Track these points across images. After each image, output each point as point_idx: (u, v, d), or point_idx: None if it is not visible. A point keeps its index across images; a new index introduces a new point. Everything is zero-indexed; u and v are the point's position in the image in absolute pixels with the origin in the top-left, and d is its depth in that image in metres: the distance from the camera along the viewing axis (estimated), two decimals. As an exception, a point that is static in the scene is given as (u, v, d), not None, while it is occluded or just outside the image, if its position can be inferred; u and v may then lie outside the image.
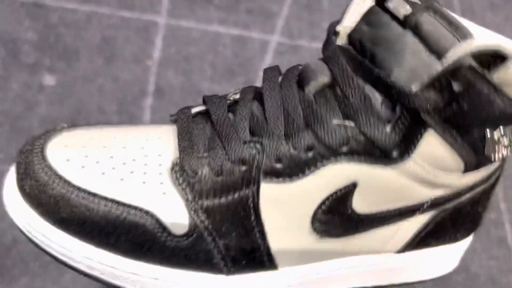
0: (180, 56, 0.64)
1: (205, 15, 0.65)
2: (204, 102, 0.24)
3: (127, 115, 0.59)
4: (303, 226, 0.22)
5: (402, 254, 0.26)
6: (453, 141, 0.21)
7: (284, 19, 0.68)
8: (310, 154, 0.21)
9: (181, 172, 0.21)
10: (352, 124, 0.21)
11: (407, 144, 0.21)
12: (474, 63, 0.19)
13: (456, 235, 0.27)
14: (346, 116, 0.21)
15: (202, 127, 0.23)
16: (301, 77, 0.23)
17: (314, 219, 0.22)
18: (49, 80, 0.59)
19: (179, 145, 0.22)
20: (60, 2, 0.63)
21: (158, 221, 0.21)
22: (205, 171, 0.21)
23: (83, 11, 0.64)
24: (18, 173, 0.21)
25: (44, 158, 0.21)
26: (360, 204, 0.22)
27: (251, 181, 0.21)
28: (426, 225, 0.25)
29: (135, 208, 0.21)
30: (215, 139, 0.22)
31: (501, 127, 0.21)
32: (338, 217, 0.22)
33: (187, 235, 0.21)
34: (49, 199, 0.21)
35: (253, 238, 0.21)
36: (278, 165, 0.21)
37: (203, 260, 0.21)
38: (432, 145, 0.21)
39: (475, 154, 0.21)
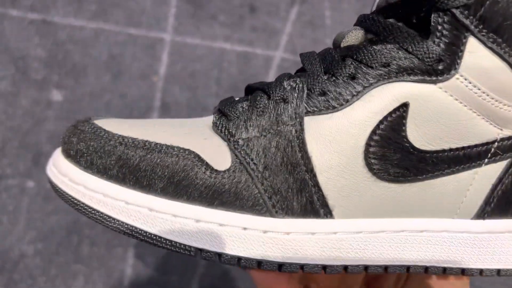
0: (186, 72, 0.65)
1: (210, 32, 0.67)
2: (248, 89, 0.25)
3: (133, 131, 0.60)
4: (355, 162, 0.20)
5: (483, 223, 0.22)
6: (500, 49, 0.19)
7: (287, 36, 0.69)
8: (354, 80, 0.21)
9: (221, 117, 0.22)
10: (393, 45, 0.21)
11: (450, 55, 0.20)
12: None
13: None
14: (386, 42, 0.21)
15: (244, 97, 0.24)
16: (335, 43, 0.24)
17: (367, 152, 0.20)
18: (57, 96, 0.60)
19: (220, 105, 0.23)
20: (69, 20, 0.65)
21: (199, 157, 0.20)
22: (246, 111, 0.21)
23: (91, 28, 0.65)
24: (63, 140, 0.22)
25: (89, 120, 0.22)
26: (416, 136, 0.20)
27: (293, 116, 0.21)
28: (501, 178, 0.21)
29: (176, 147, 0.20)
30: (257, 91, 0.23)
31: None
32: (394, 151, 0.20)
33: (228, 170, 0.20)
34: (93, 148, 0.20)
35: (300, 175, 0.20)
36: (322, 98, 0.21)
37: (247, 197, 0.20)
38: (479, 56, 0.19)
39: None
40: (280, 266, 0.20)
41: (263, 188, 0.20)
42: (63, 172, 0.21)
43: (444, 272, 0.22)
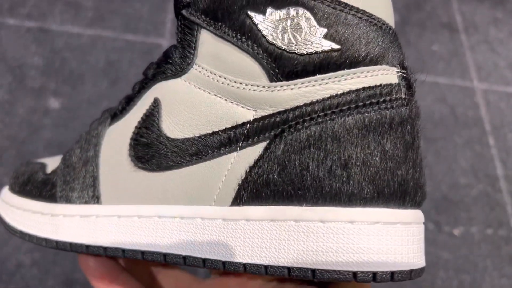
0: (184, 78, 0.65)
1: (208, 36, 0.66)
2: None
3: (131, 137, 0.59)
4: (122, 157, 0.23)
5: (239, 209, 0.20)
6: (223, 32, 0.21)
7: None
8: (138, 91, 0.24)
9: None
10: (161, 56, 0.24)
11: (187, 50, 0.22)
12: None
13: (328, 187, 0.19)
14: None
15: None
16: None
17: (131, 147, 0.23)
18: (54, 104, 0.60)
19: None
20: (66, 27, 0.65)
21: (43, 166, 0.27)
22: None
23: (88, 35, 0.64)
24: (9, 183, 0.29)
25: (34, 159, 0.30)
26: (171, 127, 0.22)
27: (99, 127, 0.25)
28: (257, 162, 0.20)
29: (39, 162, 0.28)
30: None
31: (270, 8, 0.20)
32: (150, 143, 0.22)
33: (50, 173, 0.26)
34: (16, 175, 0.28)
35: (89, 172, 0.24)
36: (120, 109, 0.25)
37: (48, 189, 0.26)
38: (211, 45, 0.21)
39: (258, 46, 0.20)
40: (57, 243, 0.24)
41: (59, 182, 0.25)
42: (2, 197, 0.28)
43: (204, 264, 0.21)
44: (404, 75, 0.21)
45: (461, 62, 0.74)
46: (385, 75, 0.20)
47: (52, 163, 0.27)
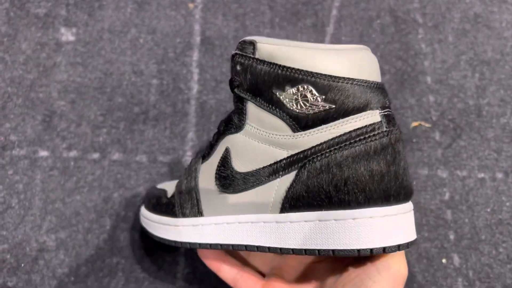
0: (230, -4, 0.50)
1: None
2: None
3: (169, 77, 0.46)
4: (212, 185, 0.36)
5: (285, 215, 0.32)
6: (261, 104, 0.33)
7: None
8: (215, 141, 0.37)
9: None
10: (228, 116, 0.37)
11: (241, 115, 0.34)
12: (241, 52, 0.33)
13: (336, 198, 0.30)
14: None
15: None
16: None
17: (215, 179, 0.35)
18: (66, 35, 0.46)
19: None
20: None
21: (165, 192, 0.40)
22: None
23: None
24: (144, 203, 0.42)
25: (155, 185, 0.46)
26: (238, 164, 0.34)
27: (196, 165, 0.38)
28: (292, 184, 0.31)
29: (162, 189, 0.41)
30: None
31: (287, 86, 0.31)
32: (227, 175, 0.35)
33: (170, 197, 0.39)
34: (150, 197, 0.42)
35: (193, 196, 0.37)
36: (207, 153, 0.38)
37: (170, 209, 0.38)
38: (255, 111, 0.33)
39: (283, 111, 0.32)
40: (181, 243, 0.37)
41: (176, 204, 0.38)
42: (142, 213, 0.43)
43: (269, 250, 0.33)
44: (386, 113, 0.31)
45: None
46: (369, 117, 0.30)
47: (169, 189, 0.40)
